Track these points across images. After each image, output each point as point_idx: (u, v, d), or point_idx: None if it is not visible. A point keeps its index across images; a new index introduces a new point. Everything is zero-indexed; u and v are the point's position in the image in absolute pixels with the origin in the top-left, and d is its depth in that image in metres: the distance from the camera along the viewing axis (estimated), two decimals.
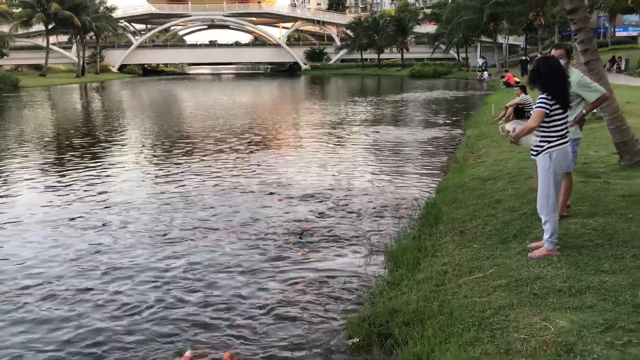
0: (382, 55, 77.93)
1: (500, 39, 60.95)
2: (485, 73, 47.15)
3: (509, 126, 5.08)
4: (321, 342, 4.32)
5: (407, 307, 4.28)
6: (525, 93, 13.97)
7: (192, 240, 6.87)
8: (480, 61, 52.15)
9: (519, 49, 71.35)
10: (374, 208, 8.17)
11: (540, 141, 4.80)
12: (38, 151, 14.61)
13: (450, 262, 5.10)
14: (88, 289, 5.43)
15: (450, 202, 7.36)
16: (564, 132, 4.81)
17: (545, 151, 4.79)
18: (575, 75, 5.72)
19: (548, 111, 4.70)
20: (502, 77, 31.84)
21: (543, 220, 4.87)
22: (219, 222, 7.62)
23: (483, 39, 60.97)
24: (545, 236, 4.87)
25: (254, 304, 5.05)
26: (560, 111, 4.76)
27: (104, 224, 7.60)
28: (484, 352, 3.43)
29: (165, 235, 7.09)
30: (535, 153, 4.91)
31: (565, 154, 4.80)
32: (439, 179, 9.85)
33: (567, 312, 3.75)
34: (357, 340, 4.18)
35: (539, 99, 4.76)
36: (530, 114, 4.92)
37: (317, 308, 4.91)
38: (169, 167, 11.89)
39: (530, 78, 4.94)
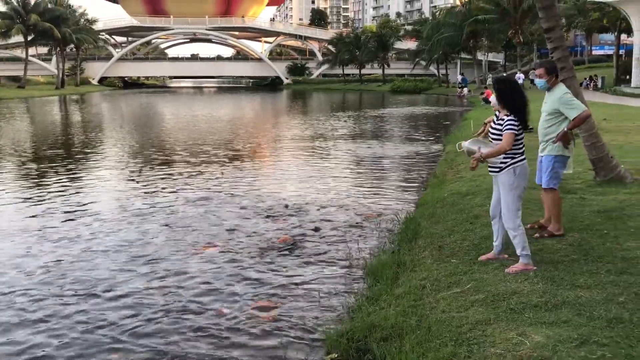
0: (363, 71, 78.60)
1: (480, 55, 62.00)
2: (465, 89, 47.77)
3: (470, 145, 5.10)
4: (299, 357, 4.30)
5: (385, 322, 4.28)
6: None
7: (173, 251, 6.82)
8: (459, 77, 52.83)
9: (498, 65, 72.48)
10: (353, 222, 8.18)
11: (504, 158, 4.90)
12: (13, 163, 14.42)
13: (429, 277, 5.12)
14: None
15: (429, 216, 7.41)
16: (524, 149, 4.97)
17: (510, 167, 4.90)
18: (559, 91, 5.78)
19: (516, 132, 4.83)
20: (482, 93, 32.21)
21: (512, 236, 4.93)
22: (197, 234, 7.57)
23: (463, 55, 61.86)
24: (518, 250, 4.93)
25: (232, 316, 5.01)
26: (521, 130, 4.91)
27: (74, 236, 7.51)
28: None
29: (140, 249, 7.03)
30: (497, 170, 4.97)
31: (526, 170, 4.96)
32: (419, 194, 9.92)
33: (543, 327, 3.79)
34: (336, 355, 4.16)
35: (508, 121, 4.84)
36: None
37: (295, 322, 4.89)
38: (145, 180, 11.80)
39: (497, 97, 5.04)
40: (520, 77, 38.51)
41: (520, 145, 4.94)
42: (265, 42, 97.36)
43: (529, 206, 6.87)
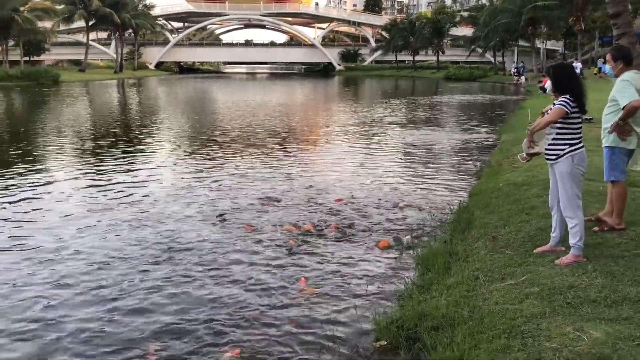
0: (417, 57, 77.49)
1: (538, 43, 60.07)
2: (522, 77, 46.45)
3: (525, 147, 5.13)
4: (348, 342, 4.29)
5: (436, 312, 4.22)
6: None
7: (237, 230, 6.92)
8: (515, 66, 51.45)
9: (557, 54, 70.19)
10: (405, 210, 8.10)
11: (562, 145, 4.78)
12: (76, 144, 14.93)
13: (482, 268, 5.02)
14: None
15: (483, 206, 7.25)
16: (581, 137, 4.86)
17: (568, 154, 4.77)
18: (619, 79, 5.52)
19: (569, 111, 4.71)
20: (539, 81, 31.28)
21: (571, 225, 4.79)
22: (256, 218, 7.65)
23: (520, 43, 60.12)
24: (573, 241, 4.78)
25: (280, 302, 5.04)
26: (578, 115, 4.80)
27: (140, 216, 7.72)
28: None
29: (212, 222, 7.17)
30: (554, 157, 4.83)
31: (584, 157, 4.85)
32: (472, 183, 9.74)
33: (601, 323, 3.66)
34: (385, 342, 4.14)
35: (562, 98, 4.76)
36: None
37: (345, 308, 4.89)
38: (203, 163, 12.01)
39: (552, 84, 4.94)
40: (577, 66, 37.16)
41: (578, 132, 4.81)
42: (319, 28, 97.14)
43: (586, 198, 6.60)
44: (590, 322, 3.70)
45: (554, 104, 4.92)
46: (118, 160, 12.37)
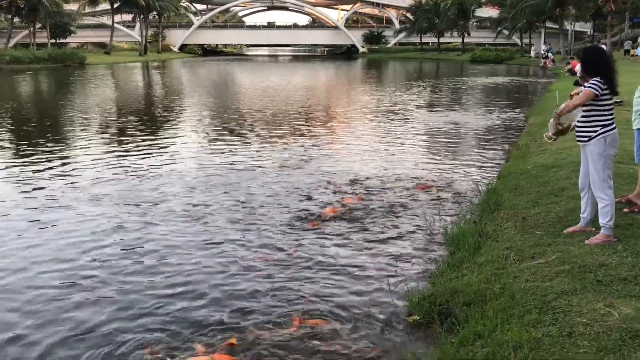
0: (442, 39, 76.63)
1: (566, 25, 58.95)
2: (550, 56, 45.69)
3: (550, 127, 5.14)
4: (381, 316, 4.44)
5: (468, 288, 4.34)
6: None
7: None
8: (544, 47, 50.65)
9: (585, 36, 68.80)
10: (433, 192, 8.20)
11: (594, 127, 4.82)
12: (105, 124, 15.26)
13: (512, 247, 5.11)
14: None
15: (512, 188, 7.31)
16: (613, 118, 4.88)
17: (600, 136, 4.81)
18: None
19: (599, 93, 4.74)
20: (567, 64, 30.84)
21: (602, 205, 4.84)
22: (278, 198, 7.83)
23: (548, 24, 59.10)
24: (603, 221, 4.84)
25: (314, 278, 5.21)
26: (610, 97, 4.83)
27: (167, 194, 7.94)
28: (546, 334, 3.47)
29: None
30: (586, 139, 4.88)
31: (616, 138, 4.89)
32: (501, 166, 9.77)
33: (632, 300, 3.74)
34: (418, 317, 4.27)
35: (592, 81, 4.78)
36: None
37: (378, 285, 5.03)
38: (228, 143, 12.20)
39: (583, 67, 4.94)
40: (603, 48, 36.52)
41: (610, 113, 4.85)
42: (342, 9, 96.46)
43: (616, 180, 6.60)
44: (620, 298, 3.78)
45: (584, 87, 4.95)
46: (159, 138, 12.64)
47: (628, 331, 3.33)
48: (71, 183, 8.82)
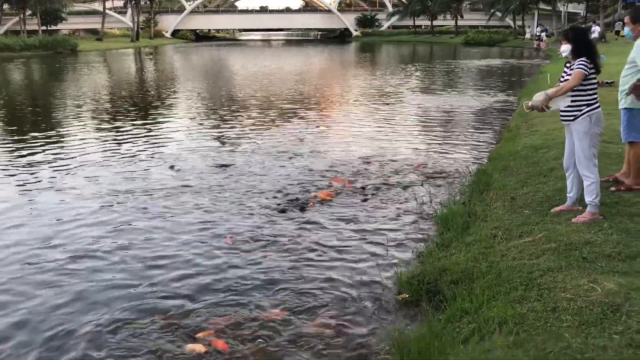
0: (435, 22, 76.31)
1: (559, 6, 58.76)
2: (543, 37, 45.58)
3: (536, 98, 5.07)
4: (371, 295, 4.52)
5: (456, 267, 4.42)
6: None
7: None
8: (538, 29, 50.53)
9: (578, 17, 68.61)
10: (424, 173, 8.26)
11: (579, 106, 4.87)
12: (98, 110, 15.24)
13: (500, 227, 5.18)
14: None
15: (501, 169, 7.38)
16: (597, 96, 4.95)
17: (585, 114, 4.87)
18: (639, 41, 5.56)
19: (587, 73, 4.80)
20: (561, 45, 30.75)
21: (587, 183, 4.91)
22: (274, 179, 7.88)
23: (541, 6, 58.92)
24: (589, 199, 4.91)
25: (306, 259, 5.28)
26: (595, 76, 4.89)
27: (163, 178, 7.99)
28: (530, 309, 3.55)
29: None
30: (572, 118, 4.93)
31: (601, 117, 4.95)
32: (491, 147, 9.84)
33: (615, 276, 3.81)
34: (407, 295, 4.35)
35: (579, 61, 4.82)
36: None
37: (367, 264, 5.11)
38: (222, 127, 12.22)
39: (574, 48, 4.95)
40: (595, 29, 36.46)
41: (594, 93, 4.91)
42: None
43: (604, 160, 6.71)
44: (604, 274, 3.86)
45: (570, 67, 4.98)
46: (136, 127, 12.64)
47: (610, 305, 3.41)
48: (61, 167, 8.86)
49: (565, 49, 5.00)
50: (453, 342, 3.44)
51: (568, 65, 5.06)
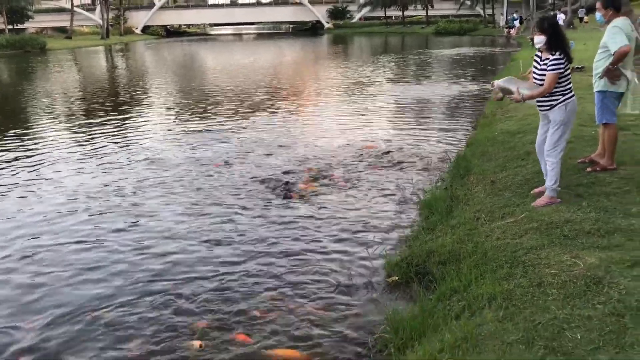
0: (406, 13, 76.66)
1: None
2: (516, 24, 46.14)
3: (504, 83, 5.16)
4: (362, 279, 4.65)
5: (442, 249, 4.57)
6: None
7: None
8: (511, 16, 51.07)
9: (547, 4, 69.52)
10: (405, 161, 8.41)
11: (555, 95, 4.99)
12: (77, 110, 15.09)
13: (483, 209, 5.34)
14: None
15: (480, 155, 7.56)
16: (572, 85, 5.07)
17: (561, 104, 5.00)
18: (610, 25, 5.73)
19: (562, 71, 4.92)
20: (533, 33, 31.16)
21: (551, 167, 5.07)
22: (252, 166, 7.96)
23: None
24: (549, 183, 5.10)
25: (296, 248, 5.38)
26: (568, 67, 5.00)
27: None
28: (517, 285, 3.71)
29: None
30: (548, 107, 5.06)
31: (575, 106, 5.08)
32: (469, 134, 10.04)
33: (596, 251, 3.99)
34: (397, 278, 4.49)
35: (554, 60, 4.89)
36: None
37: (356, 250, 5.23)
38: (196, 124, 12.23)
39: (549, 40, 5.00)
40: (560, 17, 37.17)
41: (569, 82, 5.04)
42: None
43: (579, 143, 6.97)
44: (585, 250, 4.03)
45: (543, 60, 5.06)
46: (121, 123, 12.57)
47: (592, 278, 3.58)
48: (30, 167, 8.81)
49: (539, 40, 5.02)
50: (445, 319, 3.58)
51: (539, 55, 5.16)
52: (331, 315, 4.17)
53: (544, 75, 4.96)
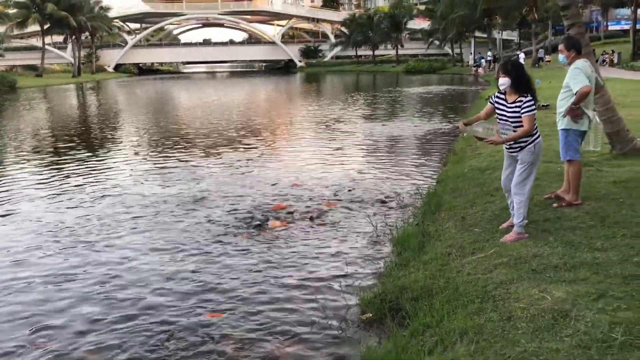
0: (376, 52, 78.35)
1: (494, 34, 61.39)
2: (481, 68, 47.48)
3: (476, 127, 5.28)
4: (336, 316, 4.67)
5: (415, 284, 4.64)
6: None
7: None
8: (479, 56, 52.62)
9: (512, 43, 71.83)
10: (376, 198, 8.51)
11: (524, 137, 5.10)
12: (37, 150, 14.94)
13: (454, 245, 5.45)
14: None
15: (451, 191, 7.72)
16: (537, 126, 5.21)
17: (530, 145, 5.16)
18: (572, 66, 6.00)
19: (535, 112, 5.11)
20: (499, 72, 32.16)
21: (518, 206, 5.20)
22: (224, 212, 7.97)
23: (477, 34, 61.42)
24: (517, 220, 5.25)
25: (267, 287, 5.39)
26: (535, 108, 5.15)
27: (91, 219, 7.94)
28: (488, 319, 3.78)
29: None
30: (518, 148, 5.21)
31: (542, 146, 5.25)
32: (439, 171, 10.23)
33: (563, 285, 4.10)
34: (371, 314, 4.53)
35: (527, 103, 5.04)
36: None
37: (330, 288, 5.26)
38: (163, 162, 12.22)
39: (516, 85, 5.14)
40: (521, 56, 38.68)
41: (535, 124, 5.18)
42: (278, 25, 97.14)
43: (545, 179, 7.17)
44: (552, 284, 4.14)
45: (501, 98, 5.22)
46: (91, 163, 12.49)
47: (560, 312, 3.67)
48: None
49: (503, 82, 5.15)
50: (419, 354, 3.63)
51: (502, 97, 5.25)
52: (304, 352, 4.18)
53: (515, 116, 5.11)
